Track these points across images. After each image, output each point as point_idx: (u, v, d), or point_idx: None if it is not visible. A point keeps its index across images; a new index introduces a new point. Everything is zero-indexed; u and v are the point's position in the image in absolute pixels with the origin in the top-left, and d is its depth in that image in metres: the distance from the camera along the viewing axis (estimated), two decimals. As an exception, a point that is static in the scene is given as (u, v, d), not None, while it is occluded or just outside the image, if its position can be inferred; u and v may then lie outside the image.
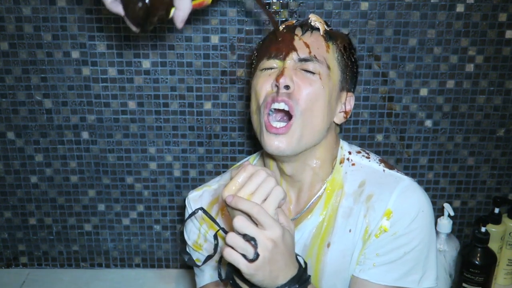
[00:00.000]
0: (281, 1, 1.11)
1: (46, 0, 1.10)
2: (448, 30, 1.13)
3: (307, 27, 0.85)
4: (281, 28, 0.87)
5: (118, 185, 1.26)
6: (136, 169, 1.24)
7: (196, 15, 1.11)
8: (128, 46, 1.14)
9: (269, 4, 1.11)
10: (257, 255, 0.65)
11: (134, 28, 0.63)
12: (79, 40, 1.14)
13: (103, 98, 1.18)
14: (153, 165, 1.24)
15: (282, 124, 0.81)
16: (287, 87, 0.79)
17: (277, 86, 0.79)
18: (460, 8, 1.11)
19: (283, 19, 1.12)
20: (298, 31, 0.85)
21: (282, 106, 0.79)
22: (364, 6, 1.11)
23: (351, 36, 1.13)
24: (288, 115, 0.81)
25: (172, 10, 0.62)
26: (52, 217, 1.28)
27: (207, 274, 0.92)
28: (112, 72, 1.16)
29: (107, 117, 1.20)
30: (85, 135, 1.21)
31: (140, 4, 0.59)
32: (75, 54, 1.15)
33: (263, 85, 0.82)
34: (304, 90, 0.79)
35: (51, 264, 1.33)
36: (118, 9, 0.63)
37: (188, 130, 1.21)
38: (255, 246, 0.65)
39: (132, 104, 1.19)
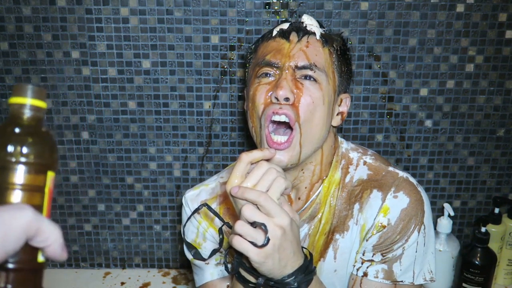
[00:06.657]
0: (281, 1, 1.11)
1: (46, 0, 1.10)
2: (448, 30, 1.13)
3: (302, 32, 0.83)
4: (274, 32, 0.85)
5: (118, 185, 1.26)
6: (136, 169, 1.24)
7: (196, 15, 1.11)
8: (128, 46, 1.14)
9: (269, 4, 1.11)
10: (268, 240, 0.65)
11: None
12: (79, 40, 1.13)
13: (103, 98, 1.18)
14: (153, 165, 1.24)
15: (283, 138, 0.80)
16: (287, 99, 0.77)
17: (277, 99, 0.78)
18: (460, 8, 1.11)
19: (283, 19, 1.12)
20: (294, 36, 0.83)
21: (283, 118, 0.78)
22: (364, 6, 1.11)
23: (351, 36, 1.13)
24: (288, 126, 0.81)
25: (40, 254, 0.48)
26: (52, 217, 1.27)
27: (207, 273, 0.92)
28: (112, 72, 1.16)
29: (107, 117, 1.20)
30: (85, 135, 1.21)
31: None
32: (75, 54, 1.15)
33: (262, 96, 0.81)
34: (304, 101, 0.78)
35: (51, 264, 1.33)
36: None
37: (188, 130, 1.21)
38: (265, 230, 0.65)
39: (132, 104, 1.19)
